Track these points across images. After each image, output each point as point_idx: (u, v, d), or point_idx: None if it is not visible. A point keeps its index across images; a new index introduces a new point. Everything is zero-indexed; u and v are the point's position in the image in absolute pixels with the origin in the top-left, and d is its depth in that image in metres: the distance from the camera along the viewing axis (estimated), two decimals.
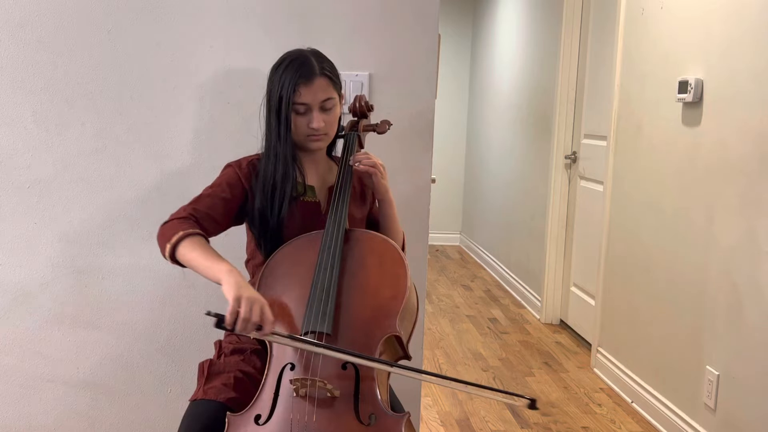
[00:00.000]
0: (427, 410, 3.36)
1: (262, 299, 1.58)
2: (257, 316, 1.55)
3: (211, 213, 1.78)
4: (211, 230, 1.79)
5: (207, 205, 1.79)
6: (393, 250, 1.78)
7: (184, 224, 1.72)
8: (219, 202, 1.80)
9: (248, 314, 1.54)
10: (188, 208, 1.77)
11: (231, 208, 1.82)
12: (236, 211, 1.84)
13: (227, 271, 1.61)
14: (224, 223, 1.83)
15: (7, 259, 2.29)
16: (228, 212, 1.82)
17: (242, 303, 1.54)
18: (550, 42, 4.93)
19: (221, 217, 1.80)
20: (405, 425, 1.56)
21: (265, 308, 1.57)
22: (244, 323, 1.54)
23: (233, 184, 1.84)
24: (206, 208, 1.78)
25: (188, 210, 1.77)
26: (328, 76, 1.80)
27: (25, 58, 2.22)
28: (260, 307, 1.56)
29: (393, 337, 1.68)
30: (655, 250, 3.34)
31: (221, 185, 1.83)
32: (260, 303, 1.56)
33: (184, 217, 1.75)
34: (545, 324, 4.82)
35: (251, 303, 1.55)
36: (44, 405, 2.35)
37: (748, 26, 2.70)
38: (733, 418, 2.72)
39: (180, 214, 1.75)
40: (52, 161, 2.27)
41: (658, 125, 3.36)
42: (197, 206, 1.78)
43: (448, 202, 7.47)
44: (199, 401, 1.71)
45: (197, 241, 1.69)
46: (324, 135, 1.82)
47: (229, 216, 1.83)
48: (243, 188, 1.84)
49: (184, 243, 1.68)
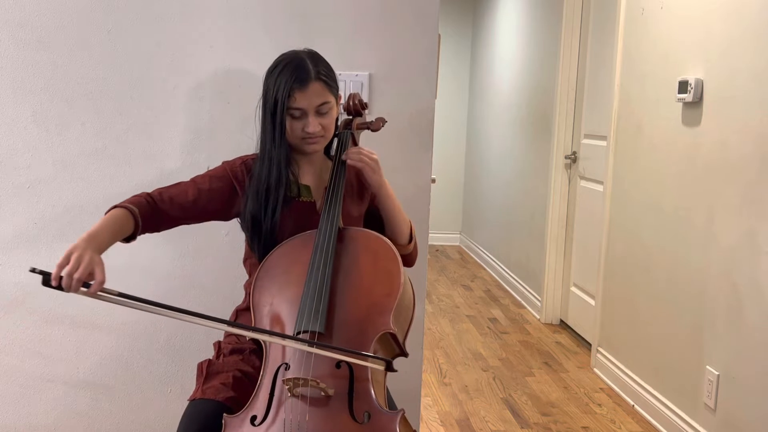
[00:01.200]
0: (427, 410, 3.36)
1: (95, 258, 1.56)
2: (82, 273, 1.53)
3: (177, 198, 1.80)
4: (173, 214, 1.80)
5: (177, 191, 1.82)
6: (387, 247, 1.77)
7: (129, 199, 1.76)
8: (193, 190, 1.82)
9: (73, 270, 1.52)
10: (155, 190, 1.82)
11: (206, 200, 1.83)
12: (216, 205, 1.84)
13: (84, 234, 1.60)
14: (193, 212, 1.83)
15: (7, 259, 2.29)
16: (202, 202, 1.82)
17: (72, 259, 1.53)
18: (550, 42, 4.93)
19: (191, 204, 1.81)
20: (400, 422, 1.56)
21: (96, 268, 1.55)
22: (68, 279, 1.52)
23: (218, 177, 1.85)
24: (174, 193, 1.81)
25: (153, 192, 1.81)
26: (324, 80, 1.78)
27: (25, 58, 2.22)
28: (90, 265, 1.54)
29: (388, 335, 1.67)
30: (655, 250, 3.34)
31: (204, 177, 1.86)
32: (92, 261, 1.54)
33: (139, 195, 1.79)
34: (545, 324, 4.82)
35: (80, 260, 1.53)
36: (44, 405, 2.35)
37: (748, 26, 2.70)
38: (733, 418, 2.72)
39: (141, 193, 1.80)
40: (52, 161, 2.27)
41: (658, 125, 3.36)
42: (164, 190, 1.82)
43: (448, 202, 7.47)
44: (197, 401, 1.71)
45: (111, 214, 1.71)
46: (320, 138, 1.82)
47: (202, 206, 1.83)
48: (230, 185, 1.85)
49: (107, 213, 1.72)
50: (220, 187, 1.84)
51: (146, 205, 1.76)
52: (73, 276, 1.53)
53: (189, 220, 1.85)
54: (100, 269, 1.56)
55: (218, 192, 1.84)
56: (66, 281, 1.53)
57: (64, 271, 1.53)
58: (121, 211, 1.72)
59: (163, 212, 1.79)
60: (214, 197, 1.84)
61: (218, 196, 1.84)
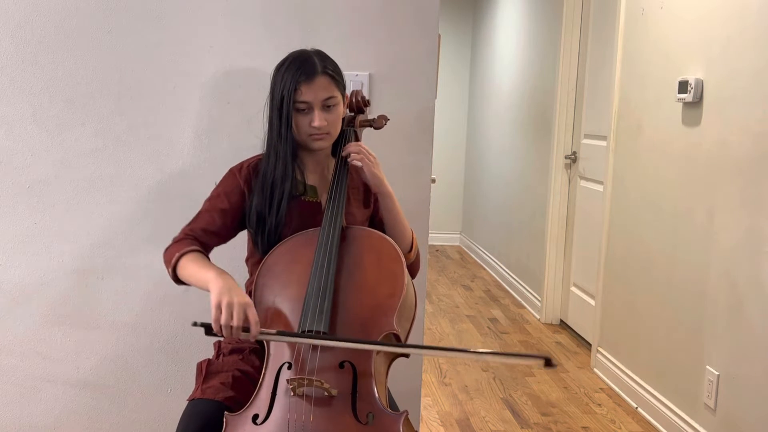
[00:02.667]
0: (427, 410, 3.36)
1: (244, 301, 1.59)
2: (238, 320, 1.57)
3: (208, 228, 1.83)
4: (211, 243, 1.84)
5: (204, 222, 1.84)
6: (390, 247, 1.77)
7: (179, 245, 1.78)
8: (217, 214, 1.84)
9: (229, 320, 1.57)
10: (185, 229, 1.84)
11: (232, 217, 1.85)
12: (239, 218, 1.87)
13: (213, 277, 1.64)
14: (226, 233, 1.87)
15: (7, 259, 2.29)
16: (228, 222, 1.85)
17: (223, 309, 1.57)
18: (550, 42, 4.93)
19: (220, 228, 1.84)
20: (403, 423, 1.56)
21: (248, 310, 1.59)
22: (228, 329, 1.57)
23: (231, 191, 1.86)
24: (203, 225, 1.83)
25: (185, 230, 1.83)
26: (331, 74, 1.80)
27: (25, 58, 2.22)
28: (241, 311, 1.58)
29: (391, 335, 1.68)
30: (655, 250, 3.34)
31: (219, 196, 1.87)
32: (241, 306, 1.58)
33: (180, 238, 1.81)
34: (545, 324, 4.82)
35: (231, 308, 1.57)
36: (44, 405, 2.35)
37: (748, 26, 2.70)
38: (733, 418, 2.72)
39: (178, 237, 1.82)
40: (52, 161, 2.27)
41: (658, 125, 3.36)
42: (194, 225, 1.84)
43: (448, 202, 7.47)
44: (197, 400, 1.72)
45: (191, 258, 1.74)
46: (326, 134, 1.82)
47: (230, 225, 1.86)
48: (242, 193, 1.86)
49: (180, 263, 1.75)
50: (238, 199, 1.86)
51: (196, 242, 1.80)
52: (232, 326, 1.58)
53: (223, 241, 1.88)
54: (252, 310, 1.60)
55: (238, 205, 1.86)
56: (226, 332, 1.58)
57: (223, 322, 1.57)
58: (197, 253, 1.76)
59: (205, 245, 1.82)
60: (237, 211, 1.86)
61: (240, 209, 1.86)
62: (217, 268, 1.70)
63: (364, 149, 1.83)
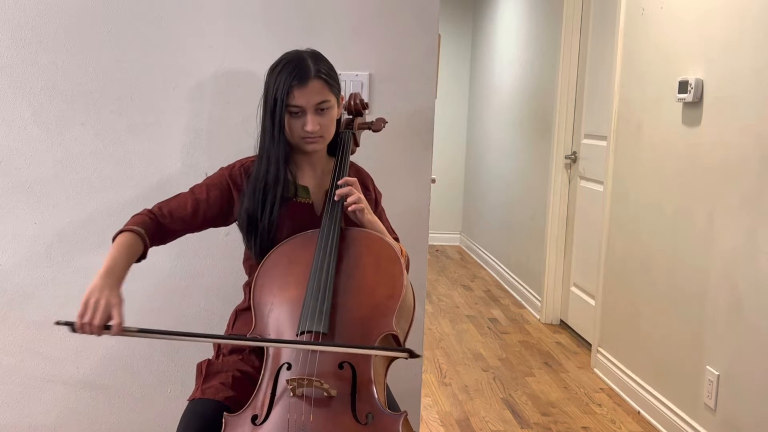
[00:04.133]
0: (427, 410, 3.36)
1: (112, 300, 1.61)
2: (100, 320, 1.59)
3: (176, 212, 1.82)
4: (174, 228, 1.83)
5: (176, 204, 1.84)
6: (389, 248, 1.77)
7: (134, 219, 1.79)
8: (192, 202, 1.84)
9: (91, 317, 1.59)
10: (156, 205, 1.84)
11: (204, 209, 1.84)
12: (212, 213, 1.85)
13: (100, 272, 1.65)
14: (193, 223, 1.85)
15: (7, 259, 2.29)
16: (200, 213, 1.84)
17: (88, 306, 1.60)
18: (550, 42, 4.93)
19: (189, 216, 1.83)
20: (402, 424, 1.56)
21: (112, 309, 1.60)
22: (89, 327, 1.59)
23: (214, 186, 1.86)
24: (174, 207, 1.83)
25: (156, 206, 1.83)
26: (324, 78, 1.78)
27: (25, 58, 2.22)
28: (104, 309, 1.59)
29: (390, 336, 1.68)
30: (655, 250, 3.34)
31: (201, 186, 1.87)
32: (105, 304, 1.60)
33: (142, 213, 1.81)
34: (545, 324, 4.82)
35: (96, 306, 1.60)
36: (44, 405, 2.35)
37: (748, 26, 2.70)
38: (733, 418, 2.72)
39: (144, 211, 1.82)
40: (52, 161, 2.27)
41: (658, 125, 3.36)
42: (164, 204, 1.84)
43: (448, 202, 7.47)
44: (197, 401, 1.72)
45: (122, 238, 1.73)
46: (320, 137, 1.81)
47: (200, 217, 1.85)
48: (226, 191, 1.86)
49: (115, 240, 1.74)
50: (218, 195, 1.85)
51: (150, 223, 1.78)
52: (93, 324, 1.59)
53: (191, 230, 1.88)
54: (117, 311, 1.61)
55: (216, 201, 1.85)
56: (88, 329, 1.60)
57: (85, 320, 1.59)
58: (129, 235, 1.74)
59: (165, 227, 1.81)
60: (213, 206, 1.85)
61: (216, 205, 1.85)
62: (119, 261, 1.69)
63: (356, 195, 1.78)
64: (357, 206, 1.77)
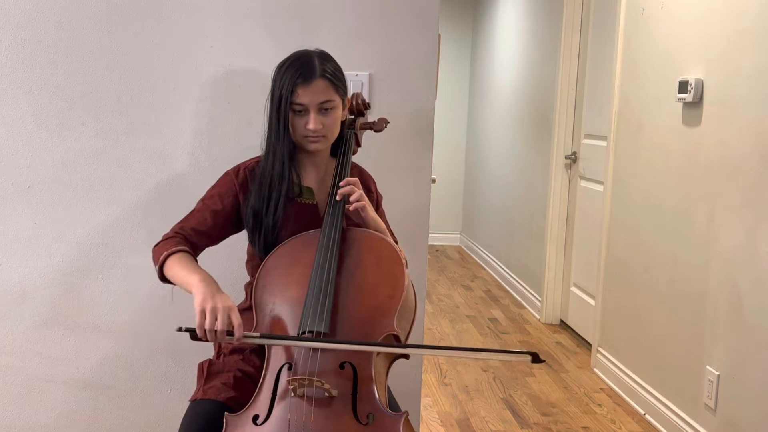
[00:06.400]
0: (427, 410, 3.36)
1: (228, 305, 1.60)
2: (222, 325, 1.58)
3: (199, 228, 1.83)
4: (200, 243, 1.84)
5: (196, 221, 1.84)
6: (390, 248, 1.78)
7: (168, 243, 1.78)
8: (209, 215, 1.84)
9: (212, 325, 1.58)
10: (176, 227, 1.83)
11: (224, 218, 1.85)
12: (231, 219, 1.86)
13: (197, 282, 1.65)
14: (216, 235, 1.86)
15: (7, 259, 2.29)
16: (220, 223, 1.85)
17: (207, 314, 1.58)
18: (550, 42, 4.93)
19: (211, 229, 1.84)
20: (403, 424, 1.56)
21: (231, 314, 1.59)
22: (212, 334, 1.58)
23: (225, 193, 1.86)
24: (195, 224, 1.83)
25: (175, 228, 1.83)
26: (329, 78, 1.79)
27: (25, 58, 2.22)
28: (225, 315, 1.59)
29: (391, 336, 1.68)
30: (655, 250, 3.34)
31: (213, 197, 1.87)
32: (225, 310, 1.59)
33: (170, 237, 1.80)
34: (545, 324, 4.82)
35: (215, 313, 1.58)
36: (44, 405, 2.35)
37: (748, 26, 2.70)
38: (733, 418, 2.72)
39: (168, 234, 1.81)
40: (52, 161, 2.27)
41: (658, 125, 3.36)
42: (185, 224, 1.84)
43: (448, 202, 7.47)
44: (198, 401, 1.72)
45: (178, 258, 1.73)
46: (322, 137, 1.82)
47: (222, 226, 1.85)
48: (236, 196, 1.86)
49: (167, 263, 1.74)
50: (232, 201, 1.86)
51: (185, 243, 1.79)
52: (217, 330, 1.59)
53: (213, 243, 1.88)
54: (236, 314, 1.61)
55: (232, 207, 1.86)
56: (211, 336, 1.59)
57: (207, 327, 1.58)
58: (182, 254, 1.75)
59: (194, 245, 1.82)
60: (230, 213, 1.86)
61: (233, 211, 1.86)
62: (202, 271, 1.70)
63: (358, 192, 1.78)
64: (359, 204, 1.77)
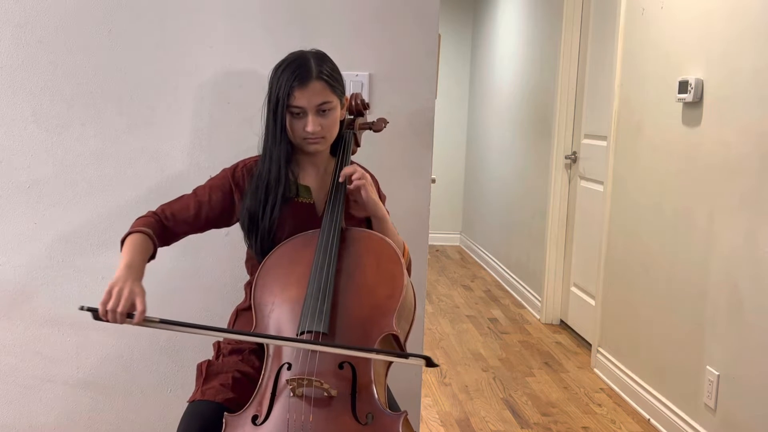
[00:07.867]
0: (427, 410, 3.36)
1: (134, 290, 1.63)
2: (123, 307, 1.60)
3: (179, 215, 1.85)
4: (178, 230, 1.86)
5: (179, 206, 1.86)
6: (390, 248, 1.77)
7: (141, 221, 1.81)
8: (194, 204, 1.86)
9: (115, 305, 1.60)
10: (161, 207, 1.86)
11: (206, 212, 1.86)
12: (215, 214, 1.87)
13: (122, 265, 1.68)
14: (196, 225, 1.88)
15: (7, 259, 2.29)
16: (202, 215, 1.86)
17: (112, 295, 1.61)
18: (550, 42, 4.93)
19: (192, 218, 1.86)
20: (402, 424, 1.56)
21: (136, 299, 1.62)
22: (112, 314, 1.61)
23: (217, 188, 1.88)
24: (177, 209, 1.85)
25: (159, 208, 1.86)
26: (326, 80, 1.78)
27: (25, 58, 2.22)
28: (128, 299, 1.61)
29: (390, 336, 1.68)
30: (655, 251, 3.34)
31: (205, 188, 1.89)
32: (130, 294, 1.62)
33: (148, 216, 1.83)
34: (545, 324, 4.82)
35: (120, 294, 1.61)
36: (44, 405, 2.35)
37: (748, 26, 2.70)
38: (733, 418, 2.72)
39: (149, 213, 1.84)
40: (52, 161, 2.27)
41: (658, 125, 3.36)
42: (169, 207, 1.86)
43: (448, 202, 7.47)
44: (197, 402, 1.72)
45: (132, 239, 1.76)
46: (321, 138, 1.81)
47: (203, 219, 1.87)
48: (228, 193, 1.87)
49: (126, 239, 1.77)
50: (220, 197, 1.87)
51: (155, 224, 1.81)
52: (117, 311, 1.61)
53: (193, 231, 1.90)
54: (140, 299, 1.63)
55: (218, 203, 1.87)
56: (111, 316, 1.61)
57: (109, 307, 1.61)
58: (139, 236, 1.76)
59: (169, 229, 1.84)
60: (215, 208, 1.87)
61: (218, 207, 1.87)
62: (136, 258, 1.71)
63: (360, 171, 1.80)
64: (360, 182, 1.78)
